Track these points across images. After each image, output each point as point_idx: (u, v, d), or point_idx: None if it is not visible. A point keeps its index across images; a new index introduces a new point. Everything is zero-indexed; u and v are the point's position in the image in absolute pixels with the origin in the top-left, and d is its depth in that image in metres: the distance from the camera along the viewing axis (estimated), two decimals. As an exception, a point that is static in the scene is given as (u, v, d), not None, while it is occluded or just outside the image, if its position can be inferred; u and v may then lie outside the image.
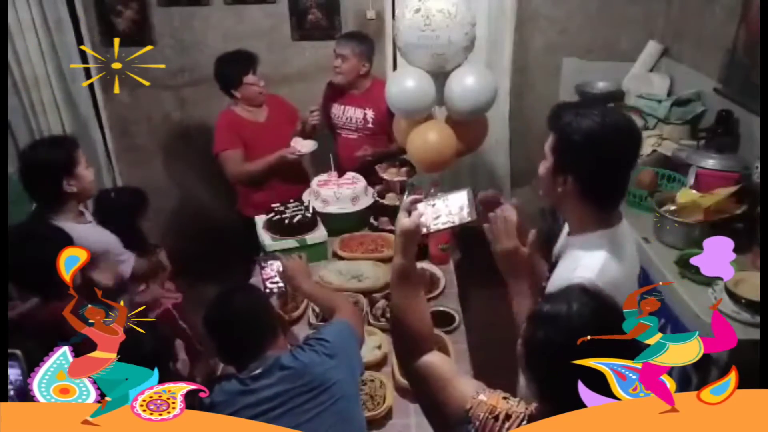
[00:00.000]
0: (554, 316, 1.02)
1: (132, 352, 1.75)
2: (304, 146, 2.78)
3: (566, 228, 1.49)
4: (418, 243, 1.30)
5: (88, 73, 3.57)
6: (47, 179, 2.01)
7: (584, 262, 1.33)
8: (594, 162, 1.29)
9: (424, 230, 1.30)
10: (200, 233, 3.92)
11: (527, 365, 1.07)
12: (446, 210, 1.32)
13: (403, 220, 1.28)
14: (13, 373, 0.92)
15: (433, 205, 1.33)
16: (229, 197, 3.12)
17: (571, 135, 1.30)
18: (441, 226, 1.32)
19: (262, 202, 2.73)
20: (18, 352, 0.94)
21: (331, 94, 3.09)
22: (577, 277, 1.28)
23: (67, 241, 1.83)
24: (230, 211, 3.14)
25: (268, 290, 1.87)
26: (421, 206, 1.32)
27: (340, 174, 2.77)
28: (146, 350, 1.72)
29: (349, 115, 3.03)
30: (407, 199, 1.34)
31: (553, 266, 1.50)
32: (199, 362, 2.06)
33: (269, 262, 1.92)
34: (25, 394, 0.93)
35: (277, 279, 1.88)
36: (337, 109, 3.06)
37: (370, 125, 3.00)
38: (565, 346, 0.96)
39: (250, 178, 2.91)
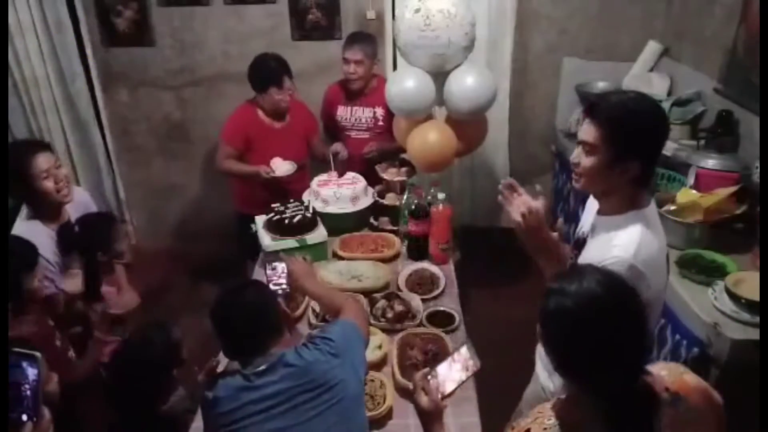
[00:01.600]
0: (565, 291, 1.06)
1: (141, 352, 1.76)
2: (278, 169, 2.79)
3: (591, 209, 1.55)
4: (440, 411, 1.33)
5: (88, 74, 3.58)
6: (8, 173, 1.98)
7: (620, 241, 1.36)
8: (656, 142, 1.36)
9: (441, 396, 1.34)
10: (200, 233, 3.92)
11: (544, 338, 1.10)
12: (455, 369, 1.37)
13: (423, 401, 1.31)
14: (32, 373, 0.91)
15: (445, 372, 1.37)
16: (229, 197, 3.12)
17: (626, 122, 1.32)
18: (455, 386, 1.36)
19: (256, 200, 2.74)
20: (38, 354, 0.93)
21: (335, 97, 3.08)
22: (612, 257, 1.33)
23: (29, 254, 1.79)
24: (230, 211, 3.14)
25: (273, 287, 1.85)
26: (432, 381, 1.35)
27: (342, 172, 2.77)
28: (156, 352, 1.73)
29: (359, 115, 3.03)
30: (417, 376, 1.36)
31: (577, 246, 1.55)
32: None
33: (274, 264, 1.91)
34: (38, 397, 0.92)
35: (282, 280, 1.87)
36: (344, 111, 3.05)
37: (380, 123, 3.00)
38: (577, 319, 1.02)
39: (226, 175, 2.98)
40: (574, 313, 1.03)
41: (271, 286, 1.83)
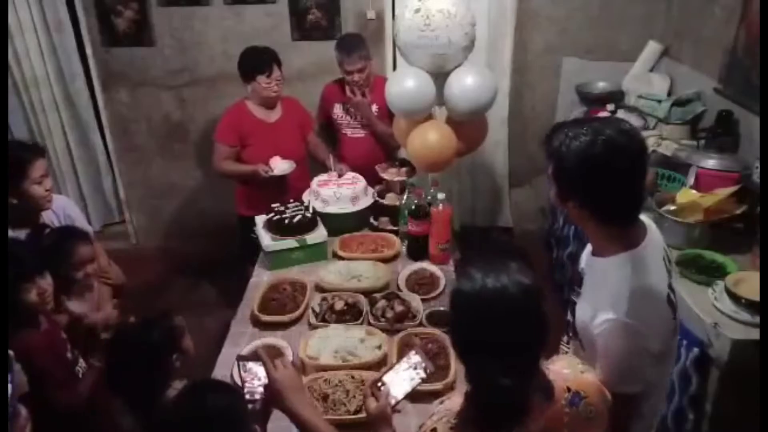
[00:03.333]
0: (477, 277, 1.06)
1: (140, 337, 1.74)
2: (277, 167, 2.79)
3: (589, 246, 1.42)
4: (388, 417, 1.35)
5: (88, 74, 3.58)
6: (8, 173, 1.99)
7: (608, 296, 1.26)
8: (592, 185, 1.22)
9: (393, 402, 1.37)
10: (200, 233, 3.93)
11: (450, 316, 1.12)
12: (405, 375, 1.41)
13: (371, 406, 1.34)
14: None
15: (391, 378, 1.40)
16: (229, 197, 3.12)
17: (563, 161, 1.23)
18: (408, 390, 1.40)
19: (258, 202, 2.74)
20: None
21: (332, 95, 3.09)
22: (604, 320, 1.24)
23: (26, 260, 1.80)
24: (229, 211, 3.14)
25: (247, 396, 1.47)
26: (383, 388, 1.37)
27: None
28: (154, 338, 1.71)
29: (355, 113, 3.03)
30: (368, 383, 1.38)
31: (576, 282, 1.48)
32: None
33: (250, 365, 1.50)
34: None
35: (258, 388, 1.46)
36: (340, 109, 3.06)
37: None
38: (478, 308, 1.04)
39: (223, 176, 2.98)
40: (470, 300, 1.05)
41: (246, 391, 1.48)
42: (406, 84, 2.52)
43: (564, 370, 1.15)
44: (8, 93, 3.38)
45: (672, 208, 2.22)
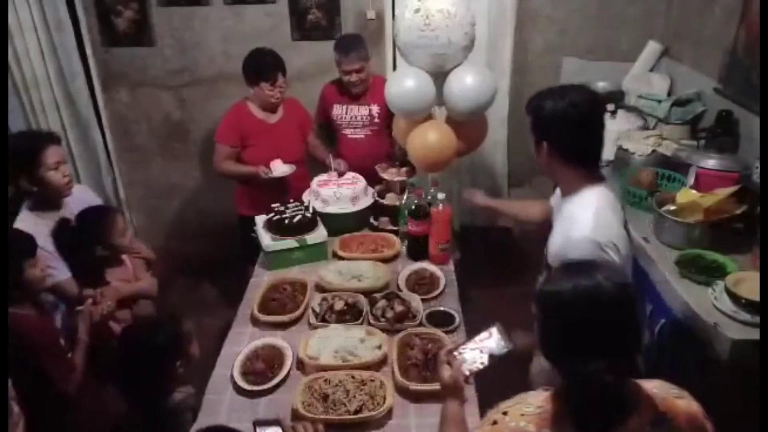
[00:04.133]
0: (567, 278, 1.10)
1: (145, 338, 1.75)
2: (277, 170, 2.80)
3: (558, 194, 1.76)
4: (461, 388, 1.35)
5: (88, 73, 3.58)
6: (7, 172, 2.06)
7: (579, 219, 1.56)
8: (558, 132, 1.60)
9: (467, 372, 1.36)
10: (200, 233, 3.93)
11: (538, 319, 1.13)
12: (482, 348, 1.39)
13: (445, 374, 1.35)
14: None
15: (469, 350, 1.39)
16: (229, 197, 3.12)
17: (539, 115, 1.63)
18: (485, 364, 1.37)
19: (258, 202, 2.74)
20: None
21: (331, 96, 3.09)
22: (576, 236, 1.53)
23: (26, 246, 1.85)
24: (229, 211, 3.14)
25: None
26: (458, 357, 1.37)
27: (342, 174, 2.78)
28: (159, 342, 1.71)
29: (354, 113, 3.04)
30: (443, 351, 1.39)
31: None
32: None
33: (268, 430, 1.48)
34: None
35: None
36: (339, 110, 3.06)
37: (376, 120, 3.02)
38: (573, 304, 1.05)
39: (224, 176, 2.97)
40: (566, 300, 1.07)
41: None
42: (406, 84, 2.52)
43: (654, 389, 1.13)
44: (8, 93, 3.38)
45: (672, 208, 2.22)
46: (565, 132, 1.59)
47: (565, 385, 1.10)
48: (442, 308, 2.13)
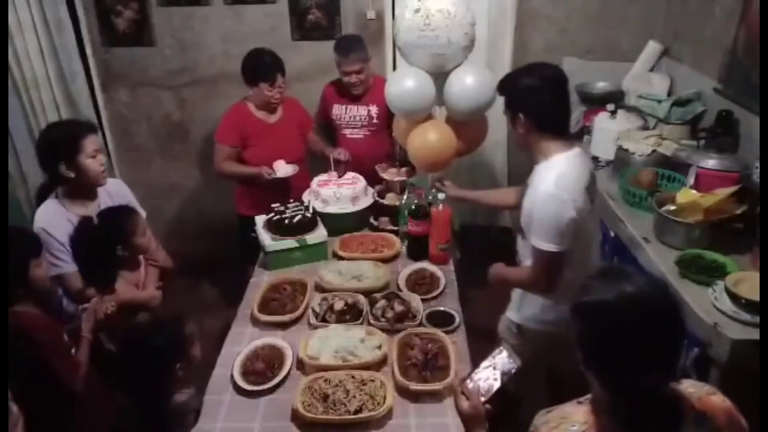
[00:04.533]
0: (606, 286, 1.07)
1: (145, 339, 1.74)
2: (280, 170, 2.80)
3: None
4: (482, 415, 1.34)
5: (88, 73, 3.58)
6: (46, 159, 2.10)
7: (544, 178, 1.77)
8: (535, 100, 1.79)
9: (483, 398, 1.34)
10: (200, 233, 3.92)
11: (576, 331, 1.10)
12: (492, 371, 1.38)
13: (464, 406, 1.33)
14: None
15: (481, 375, 1.38)
16: (229, 197, 3.12)
17: (515, 89, 1.85)
18: (496, 386, 1.36)
19: (258, 202, 2.74)
20: None
21: (332, 95, 3.09)
22: (540, 192, 1.75)
23: (32, 246, 1.88)
24: (229, 211, 3.14)
25: None
26: (471, 385, 1.36)
27: (342, 174, 2.78)
28: (159, 343, 1.70)
29: (353, 113, 3.04)
30: (457, 381, 1.38)
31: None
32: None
33: None
34: None
35: None
36: (339, 109, 3.06)
37: (375, 121, 3.02)
38: (615, 314, 1.03)
39: (224, 177, 2.97)
40: (613, 309, 1.02)
41: None
42: (406, 84, 2.52)
43: (689, 389, 1.12)
44: (8, 93, 3.38)
45: (672, 208, 2.22)
46: (539, 102, 1.79)
47: (610, 398, 1.07)
48: (442, 308, 2.14)
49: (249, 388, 1.79)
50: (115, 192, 2.32)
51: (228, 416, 1.72)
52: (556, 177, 1.73)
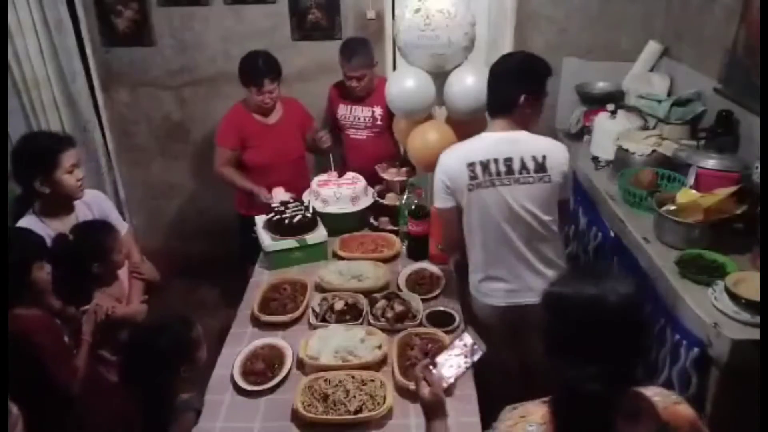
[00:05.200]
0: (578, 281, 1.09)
1: (150, 342, 1.73)
2: (278, 197, 2.70)
3: None
4: (443, 402, 1.31)
5: (88, 73, 3.58)
6: (21, 173, 2.06)
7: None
8: (539, 81, 1.99)
9: (445, 385, 1.32)
10: (200, 233, 3.92)
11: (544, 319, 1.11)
12: (456, 357, 1.35)
13: (425, 393, 1.30)
14: None
15: (443, 360, 1.35)
16: (229, 197, 3.13)
17: (526, 70, 2.02)
18: (459, 372, 1.34)
19: (258, 202, 2.74)
20: None
21: (336, 96, 3.10)
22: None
23: (37, 248, 1.85)
24: (229, 211, 3.15)
25: None
26: (434, 372, 1.33)
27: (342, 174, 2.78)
28: (163, 345, 1.69)
29: (357, 114, 3.04)
30: (418, 368, 1.34)
31: None
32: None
33: None
34: None
35: None
36: (344, 110, 3.07)
37: (379, 122, 3.02)
38: (578, 308, 1.05)
39: (222, 181, 2.96)
40: (569, 304, 1.06)
41: None
42: (406, 84, 2.52)
43: (655, 398, 1.12)
44: (8, 93, 3.38)
45: (672, 208, 2.22)
46: (540, 82, 1.99)
47: (560, 394, 1.09)
48: (442, 308, 2.14)
49: (249, 388, 1.79)
50: (94, 203, 2.25)
51: (228, 416, 1.72)
52: (453, 147, 2.04)
